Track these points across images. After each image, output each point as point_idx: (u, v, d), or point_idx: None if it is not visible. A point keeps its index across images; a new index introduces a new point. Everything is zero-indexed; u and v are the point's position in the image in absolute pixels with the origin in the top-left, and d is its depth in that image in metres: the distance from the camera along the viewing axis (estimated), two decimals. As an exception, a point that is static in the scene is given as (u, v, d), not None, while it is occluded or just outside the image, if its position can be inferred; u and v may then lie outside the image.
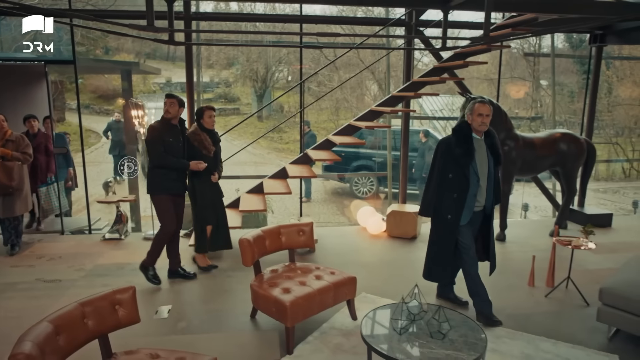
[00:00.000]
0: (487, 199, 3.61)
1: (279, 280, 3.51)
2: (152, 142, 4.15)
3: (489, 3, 3.97)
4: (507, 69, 15.85)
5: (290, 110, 18.69)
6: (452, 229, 3.61)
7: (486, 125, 3.49)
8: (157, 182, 4.24)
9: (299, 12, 5.65)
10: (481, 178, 3.53)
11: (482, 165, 3.53)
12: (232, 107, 20.34)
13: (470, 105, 3.54)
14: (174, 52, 23.65)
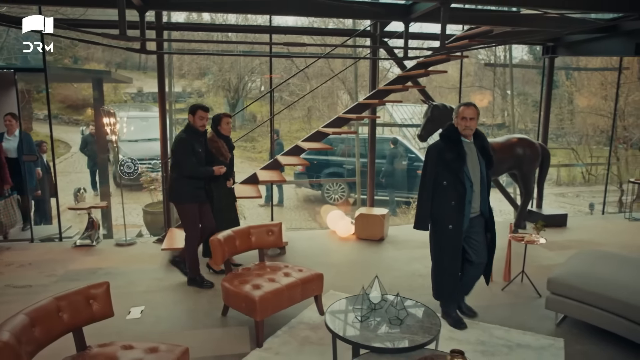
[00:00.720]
0: (482, 203, 3.47)
1: (249, 278, 3.67)
2: (184, 153, 4.21)
3: (445, 16, 4.27)
4: (475, 79, 16.46)
5: (262, 120, 18.86)
6: (457, 238, 3.44)
7: (471, 129, 3.36)
8: (185, 191, 4.30)
9: (269, 23, 5.87)
10: (474, 183, 3.40)
11: (474, 169, 3.40)
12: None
13: (456, 108, 3.46)
14: (146, 62, 23.52)
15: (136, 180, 10.48)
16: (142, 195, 9.88)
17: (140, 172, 8.64)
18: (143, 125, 12.37)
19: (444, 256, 3.55)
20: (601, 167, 14.95)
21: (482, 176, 3.43)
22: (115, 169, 11.84)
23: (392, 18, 5.31)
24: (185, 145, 4.22)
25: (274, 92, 6.42)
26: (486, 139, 3.54)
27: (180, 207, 4.40)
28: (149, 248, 5.71)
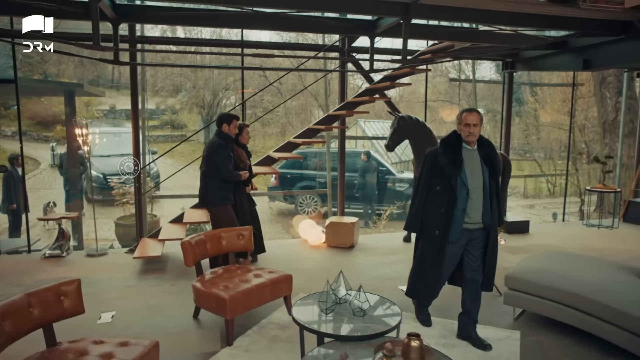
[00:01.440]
0: (483, 215, 3.30)
1: (219, 280, 3.76)
2: (224, 160, 4.53)
3: (406, 31, 4.54)
4: (447, 96, 17.03)
5: (237, 137, 18.95)
6: (440, 245, 3.35)
7: (474, 135, 3.26)
8: (221, 194, 4.60)
9: (241, 38, 6.08)
10: (472, 191, 3.25)
11: (473, 176, 3.26)
12: (179, 134, 20.34)
13: (459, 114, 3.37)
14: (119, 79, 23.42)
15: (109, 195, 10.42)
16: (114, 210, 9.81)
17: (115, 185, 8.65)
18: (116, 141, 12.33)
19: (425, 260, 3.49)
20: (564, 179, 15.57)
21: (485, 185, 3.27)
22: (87, 186, 11.73)
23: (358, 33, 5.57)
24: (223, 152, 4.54)
25: (246, 108, 6.58)
26: (493, 147, 3.39)
27: (216, 210, 4.65)
28: (121, 258, 5.72)
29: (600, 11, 4.91)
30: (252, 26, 5.14)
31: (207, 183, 4.60)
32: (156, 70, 18.31)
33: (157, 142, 18.39)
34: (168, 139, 19.03)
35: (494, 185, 3.33)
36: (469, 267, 3.44)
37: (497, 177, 3.37)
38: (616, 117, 10.66)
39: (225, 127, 4.64)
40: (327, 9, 4.61)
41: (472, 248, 3.40)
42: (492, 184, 3.32)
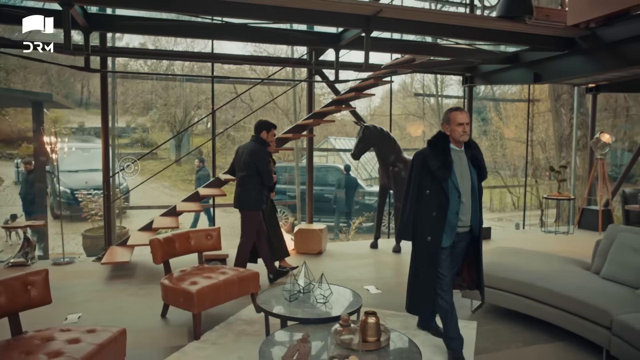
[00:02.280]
0: (473, 218, 3.20)
1: (188, 276, 3.84)
2: (266, 165, 4.73)
3: (367, 43, 4.82)
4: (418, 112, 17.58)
5: (209, 155, 18.99)
6: (434, 252, 3.18)
7: (467, 134, 3.15)
8: (259, 198, 4.75)
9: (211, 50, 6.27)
10: (463, 194, 3.12)
11: (463, 179, 3.14)
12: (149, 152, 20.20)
13: (446, 115, 3.23)
14: (88, 98, 23.19)
15: (76, 210, 10.25)
16: (81, 226, 9.69)
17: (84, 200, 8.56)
18: (84, 156, 12.20)
19: (420, 269, 3.29)
20: (528, 192, 16.19)
21: (474, 187, 3.18)
22: (53, 201, 11.52)
23: (324, 45, 5.84)
24: (266, 158, 4.75)
25: (216, 125, 6.74)
26: (478, 148, 3.30)
27: (250, 213, 4.79)
28: (88, 266, 5.69)
29: (544, 27, 5.34)
30: (222, 37, 5.33)
31: (247, 187, 4.75)
32: (127, 88, 18.28)
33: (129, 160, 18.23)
34: (138, 156, 18.90)
35: (480, 187, 3.25)
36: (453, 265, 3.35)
37: (483, 179, 3.26)
38: (571, 132, 11.25)
39: (264, 134, 4.82)
40: (294, 21, 4.83)
41: (456, 249, 3.29)
42: (480, 186, 3.24)
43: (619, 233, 3.78)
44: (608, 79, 6.89)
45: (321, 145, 16.67)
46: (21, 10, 4.35)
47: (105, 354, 2.55)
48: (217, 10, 4.34)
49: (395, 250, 6.53)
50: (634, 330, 2.85)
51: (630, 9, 4.84)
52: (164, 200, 14.63)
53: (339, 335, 2.32)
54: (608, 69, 5.37)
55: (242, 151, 4.84)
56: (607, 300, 3.21)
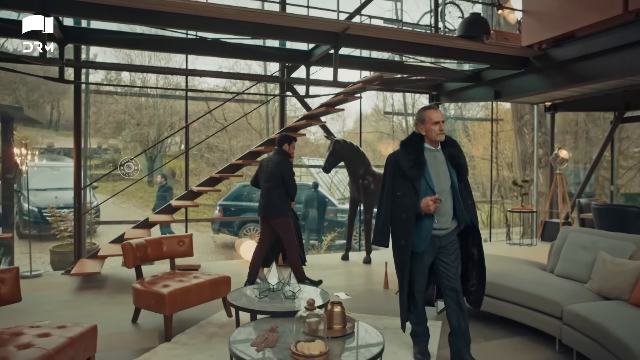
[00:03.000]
0: (459, 216, 3.03)
1: (159, 280, 3.89)
2: (292, 175, 5.02)
3: (336, 59, 5.07)
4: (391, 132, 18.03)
5: (182, 175, 18.92)
6: (408, 257, 3.00)
7: (444, 133, 3.03)
8: (286, 207, 5.01)
9: (185, 66, 6.43)
10: (439, 194, 2.96)
11: (440, 178, 3.00)
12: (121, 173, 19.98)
13: (419, 114, 3.10)
14: (57, 119, 22.86)
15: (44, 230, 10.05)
16: (48, 244, 9.49)
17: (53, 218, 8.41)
18: (53, 175, 12.03)
19: (402, 275, 3.07)
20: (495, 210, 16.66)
21: (454, 186, 3.02)
22: (19, 219, 11.25)
23: (295, 61, 6.07)
24: (292, 169, 5.04)
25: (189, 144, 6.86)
26: (457, 146, 3.15)
27: (283, 221, 5.00)
28: (57, 279, 5.63)
29: (501, 47, 5.72)
30: (196, 52, 5.50)
31: (274, 197, 4.97)
32: (98, 108, 18.17)
33: (99, 181, 17.97)
34: (109, 177, 18.62)
35: (462, 186, 3.06)
36: (445, 276, 3.07)
37: (466, 178, 3.12)
38: (533, 150, 11.79)
39: (286, 147, 5.09)
40: (266, 36, 5.03)
41: (444, 255, 3.06)
42: (460, 186, 3.05)
43: (570, 233, 4.05)
44: (562, 97, 7.34)
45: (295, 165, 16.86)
46: (-3, 22, 4.44)
47: (76, 347, 2.60)
48: (192, 24, 4.52)
49: (366, 261, 6.67)
50: (581, 317, 3.06)
51: (575, 31, 5.28)
52: (136, 219, 14.50)
53: (305, 320, 2.44)
54: (558, 85, 5.76)
55: (267, 163, 5.08)
56: (558, 293, 3.44)
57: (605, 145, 8.54)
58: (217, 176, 6.27)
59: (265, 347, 2.48)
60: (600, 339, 2.87)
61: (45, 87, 21.12)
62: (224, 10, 4.39)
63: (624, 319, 2.88)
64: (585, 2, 5.06)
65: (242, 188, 12.97)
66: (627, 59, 4.83)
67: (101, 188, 17.17)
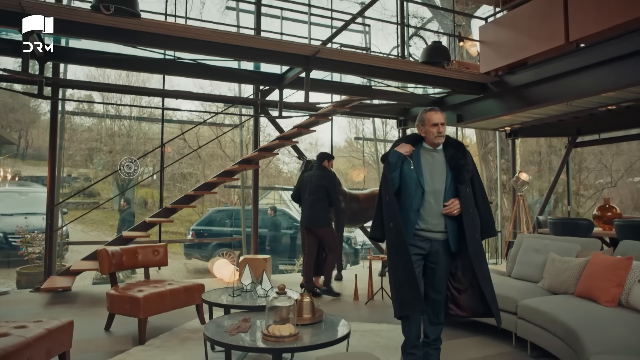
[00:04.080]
0: (447, 225, 2.86)
1: (134, 287, 3.97)
2: (336, 188, 5.81)
3: (307, 81, 5.37)
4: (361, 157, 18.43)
5: (155, 205, 18.73)
6: (400, 236, 2.83)
7: (443, 135, 2.95)
8: (329, 217, 5.64)
9: (162, 86, 6.65)
10: (430, 193, 2.87)
11: (434, 178, 2.90)
12: (92, 202, 19.67)
13: (420, 116, 3.04)
14: (25, 148, 22.48)
15: (9, 255, 9.83)
16: (13, 270, 9.27)
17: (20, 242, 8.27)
18: (21, 200, 11.81)
19: (394, 257, 2.89)
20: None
21: (447, 189, 2.88)
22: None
23: (269, 84, 6.37)
24: (335, 182, 5.78)
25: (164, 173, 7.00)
26: (461, 148, 2.98)
27: (328, 229, 5.59)
28: (25, 296, 5.56)
29: (461, 73, 6.18)
30: (173, 73, 5.73)
31: (320, 207, 5.54)
32: (71, 135, 18.04)
33: (69, 209, 17.65)
34: (79, 206, 18.32)
35: (463, 190, 2.87)
36: (430, 284, 2.96)
37: (467, 182, 2.91)
38: (499, 176, 12.35)
39: (326, 163, 5.79)
40: (241, 57, 5.30)
41: (430, 262, 2.94)
42: (461, 189, 2.86)
43: (525, 239, 4.36)
44: (519, 122, 7.84)
45: (267, 195, 16.99)
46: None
47: (52, 339, 2.67)
48: (170, 45, 4.75)
49: (337, 278, 6.83)
50: (533, 309, 3.32)
51: (527, 59, 5.78)
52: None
53: (275, 301, 2.59)
54: (514, 109, 6.21)
55: (310, 178, 5.68)
56: (513, 291, 3.70)
57: (561, 168, 9.08)
58: (192, 193, 6.41)
59: (238, 333, 2.62)
60: (550, 327, 3.11)
61: (14, 116, 20.89)
62: (201, 32, 4.67)
63: (569, 308, 3.15)
64: (533, 33, 5.58)
65: (215, 213, 13.01)
66: (571, 84, 5.32)
67: (70, 215, 16.89)
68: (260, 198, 8.82)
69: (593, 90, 5.16)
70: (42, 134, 20.01)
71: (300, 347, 2.42)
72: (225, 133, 10.80)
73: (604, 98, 5.75)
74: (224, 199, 17.09)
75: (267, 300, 2.63)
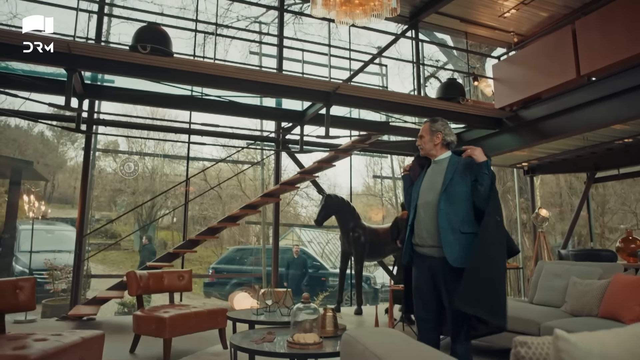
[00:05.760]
0: (444, 240, 2.58)
1: (160, 309, 4.08)
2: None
3: (327, 116, 5.62)
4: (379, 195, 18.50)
5: (174, 246, 18.99)
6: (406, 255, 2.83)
7: (421, 147, 2.87)
8: None
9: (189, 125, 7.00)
10: (420, 206, 2.76)
11: (427, 190, 2.76)
12: (112, 242, 20.02)
13: None
14: (51, 193, 23.23)
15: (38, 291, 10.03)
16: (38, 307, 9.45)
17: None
18: (47, 237, 12.14)
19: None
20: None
21: (440, 201, 2.64)
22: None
23: (290, 120, 6.65)
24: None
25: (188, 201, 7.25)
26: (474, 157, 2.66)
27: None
28: (52, 324, 5.69)
29: (476, 108, 6.38)
30: (200, 109, 6.05)
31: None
32: (97, 177, 18.66)
33: (91, 249, 18.00)
34: (101, 246, 18.70)
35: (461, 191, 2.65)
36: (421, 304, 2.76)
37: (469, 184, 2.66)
38: (518, 215, 12.28)
39: None
40: (265, 93, 5.57)
41: (420, 282, 2.74)
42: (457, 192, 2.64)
43: (545, 265, 4.37)
44: (536, 157, 7.93)
45: (286, 236, 17.09)
46: (27, 78, 4.99)
47: (86, 347, 2.79)
48: (199, 81, 5.09)
49: (357, 312, 6.80)
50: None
51: (540, 94, 5.97)
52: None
53: (299, 312, 2.68)
54: (529, 142, 6.34)
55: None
56: (536, 314, 3.69)
57: (582, 204, 9.02)
58: (216, 225, 6.57)
59: (263, 342, 2.70)
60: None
61: (43, 160, 21.73)
62: (228, 69, 5.02)
63: (594, 328, 3.13)
64: (545, 69, 5.79)
65: (235, 252, 13.12)
66: (584, 116, 5.46)
67: (93, 259, 17.31)
68: (280, 238, 8.99)
69: (605, 121, 5.29)
70: (67, 179, 20.71)
71: (325, 353, 2.48)
72: (247, 169, 11.07)
73: (618, 131, 5.86)
74: (243, 238, 17.23)
75: (292, 310, 2.71)
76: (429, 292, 2.69)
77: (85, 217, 6.12)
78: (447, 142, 2.85)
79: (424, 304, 2.71)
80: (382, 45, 9.40)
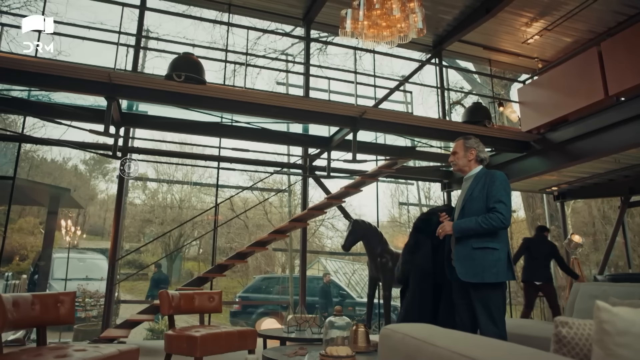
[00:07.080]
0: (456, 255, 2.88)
1: (191, 329, 4.12)
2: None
3: (354, 141, 5.72)
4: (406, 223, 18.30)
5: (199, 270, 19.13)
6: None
7: (454, 164, 3.07)
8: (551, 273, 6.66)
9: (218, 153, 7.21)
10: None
11: (457, 209, 3.00)
12: (141, 272, 20.32)
13: None
14: (82, 224, 23.89)
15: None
16: (69, 331, 9.61)
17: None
18: (80, 266, 12.44)
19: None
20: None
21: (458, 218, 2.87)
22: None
23: (317, 146, 6.78)
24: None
25: (217, 226, 7.39)
26: (496, 175, 2.91)
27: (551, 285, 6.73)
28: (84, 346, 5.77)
29: (503, 131, 6.38)
30: (229, 136, 6.25)
31: (547, 265, 6.64)
32: (128, 209, 19.15)
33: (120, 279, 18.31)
34: (130, 277, 19.00)
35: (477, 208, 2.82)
36: (459, 318, 2.95)
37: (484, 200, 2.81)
38: (549, 243, 11.98)
39: (546, 233, 6.84)
40: (294, 120, 5.69)
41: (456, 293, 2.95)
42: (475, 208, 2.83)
43: (581, 287, 4.25)
44: (566, 181, 7.80)
45: (312, 266, 17.05)
46: (69, 107, 5.28)
47: (123, 358, 2.84)
48: (229, 107, 5.26)
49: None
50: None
51: (567, 116, 5.94)
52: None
53: (332, 326, 2.69)
54: (558, 165, 6.26)
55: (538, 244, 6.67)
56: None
57: (617, 229, 8.75)
58: (246, 250, 6.64)
59: (296, 355, 2.70)
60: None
61: (76, 192, 22.42)
62: (257, 95, 5.20)
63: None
64: (571, 90, 5.79)
65: (261, 281, 13.13)
66: (613, 137, 5.39)
67: (121, 288, 17.64)
68: (307, 268, 8.98)
69: (636, 142, 5.21)
70: (98, 211, 21.30)
71: (358, 365, 2.47)
72: (273, 195, 11.20)
73: (651, 152, 5.76)
74: (269, 267, 17.23)
75: (324, 322, 2.73)
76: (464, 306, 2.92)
77: (118, 241, 6.29)
78: (481, 158, 3.03)
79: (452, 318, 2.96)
80: (405, 74, 9.57)
